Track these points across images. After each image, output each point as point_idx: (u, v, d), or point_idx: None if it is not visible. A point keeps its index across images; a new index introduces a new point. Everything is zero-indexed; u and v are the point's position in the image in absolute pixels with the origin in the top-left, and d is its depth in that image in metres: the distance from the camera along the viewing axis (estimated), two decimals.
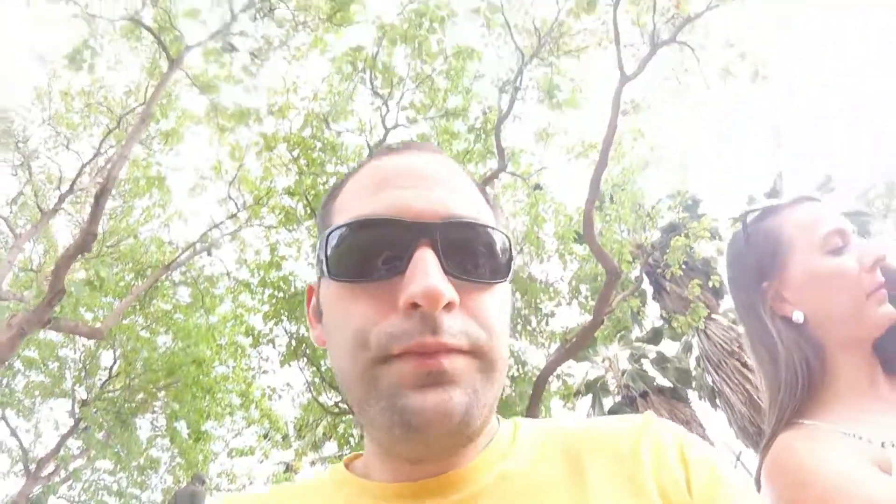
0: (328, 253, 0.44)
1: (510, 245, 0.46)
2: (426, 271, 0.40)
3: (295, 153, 6.10)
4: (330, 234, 0.44)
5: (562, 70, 6.04)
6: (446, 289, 0.40)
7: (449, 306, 0.40)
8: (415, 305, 0.40)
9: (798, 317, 0.80)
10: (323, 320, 0.47)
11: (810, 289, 0.80)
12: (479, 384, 0.41)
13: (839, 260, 0.78)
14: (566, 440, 0.49)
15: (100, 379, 10.31)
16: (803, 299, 0.81)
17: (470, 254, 0.43)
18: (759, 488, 0.74)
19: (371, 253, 0.42)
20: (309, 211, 5.93)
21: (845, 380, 0.79)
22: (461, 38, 6.41)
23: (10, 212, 9.38)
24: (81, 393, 10.24)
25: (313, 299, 0.51)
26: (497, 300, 0.44)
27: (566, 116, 6.32)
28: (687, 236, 6.74)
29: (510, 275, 0.45)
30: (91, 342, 10.03)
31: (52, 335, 9.63)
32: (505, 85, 5.89)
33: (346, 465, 0.52)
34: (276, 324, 6.32)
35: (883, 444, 0.70)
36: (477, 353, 0.41)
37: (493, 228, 0.45)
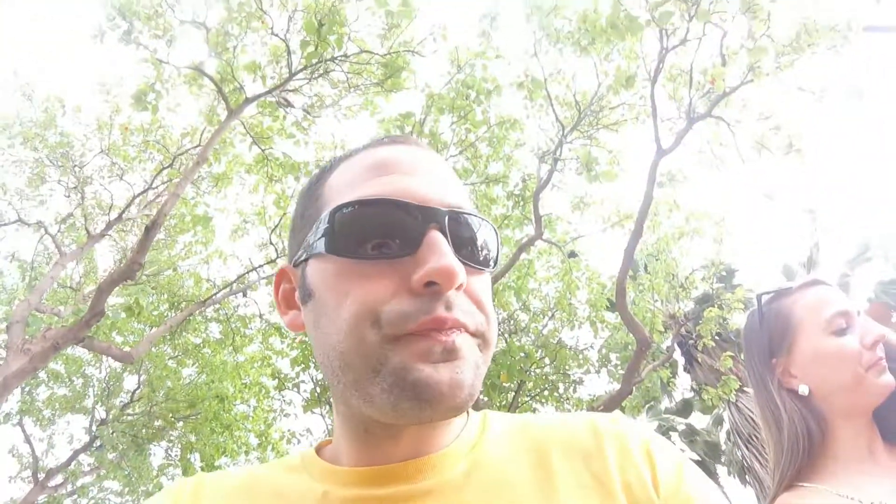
0: (334, 229, 0.44)
1: (498, 237, 0.49)
2: (443, 251, 0.41)
3: None
4: (337, 210, 0.44)
5: (600, 143, 6.22)
6: (461, 269, 0.41)
7: (458, 287, 0.42)
8: (430, 284, 0.41)
9: (804, 390, 0.88)
10: (313, 301, 0.46)
11: (815, 365, 0.88)
12: (480, 362, 0.43)
13: (842, 340, 0.87)
14: (535, 435, 0.49)
15: (121, 401, 10.47)
16: (809, 374, 0.88)
17: (471, 242, 0.45)
18: None
19: (380, 232, 0.43)
20: None
21: (845, 447, 0.86)
22: (505, 107, 6.71)
23: (59, 230, 9.88)
24: (101, 412, 10.46)
25: (283, 284, 0.51)
26: (489, 287, 0.47)
27: (604, 186, 6.44)
28: (720, 307, 6.65)
29: (495, 262, 0.48)
30: (117, 364, 10.26)
31: (81, 352, 9.91)
32: (545, 155, 6.08)
33: (317, 451, 0.52)
34: (303, 370, 6.39)
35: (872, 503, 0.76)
36: (477, 334, 0.43)
37: (487, 221, 0.48)
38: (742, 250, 7.70)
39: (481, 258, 0.46)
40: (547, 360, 6.37)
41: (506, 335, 6.64)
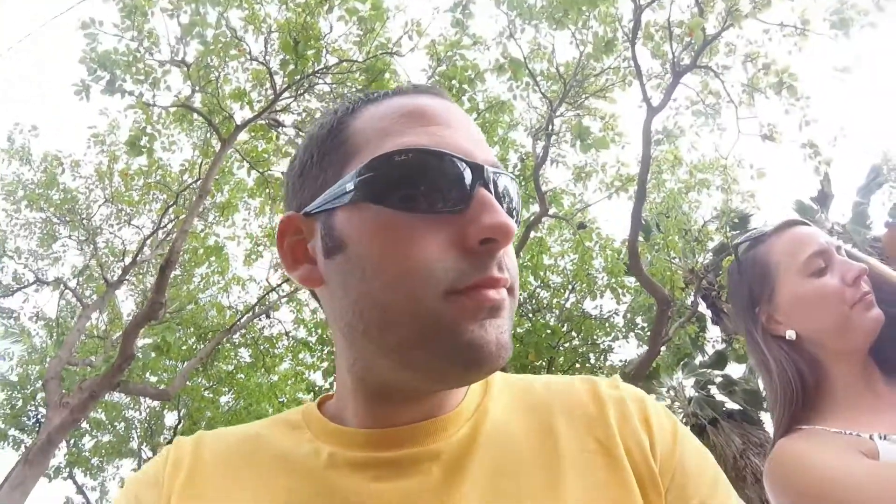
0: (383, 178, 0.41)
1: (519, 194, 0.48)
2: (497, 209, 0.40)
3: None
4: (388, 157, 0.42)
5: (592, 111, 6.19)
6: (514, 226, 0.41)
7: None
8: (485, 241, 0.40)
9: (791, 335, 0.87)
10: (344, 254, 0.43)
11: (798, 310, 0.87)
12: (511, 320, 0.43)
13: (821, 281, 0.85)
14: (537, 397, 0.49)
15: (165, 438, 10.71)
16: (793, 319, 0.87)
17: (508, 200, 0.44)
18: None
19: (434, 185, 0.41)
20: None
21: (842, 387, 0.84)
22: (491, 91, 6.70)
23: (78, 283, 10.08)
24: (147, 452, 10.66)
25: (290, 236, 0.47)
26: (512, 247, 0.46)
27: (604, 154, 6.42)
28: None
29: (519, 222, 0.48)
30: (156, 403, 10.49)
31: (118, 397, 10.15)
32: (538, 132, 6.07)
33: (319, 407, 0.51)
34: (335, 379, 6.49)
35: (871, 437, 0.76)
36: (511, 291, 0.43)
37: (514, 178, 0.47)
38: (755, 194, 7.64)
39: (515, 217, 0.46)
40: (574, 334, 6.40)
41: (529, 315, 6.67)
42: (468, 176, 0.41)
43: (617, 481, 0.43)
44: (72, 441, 10.29)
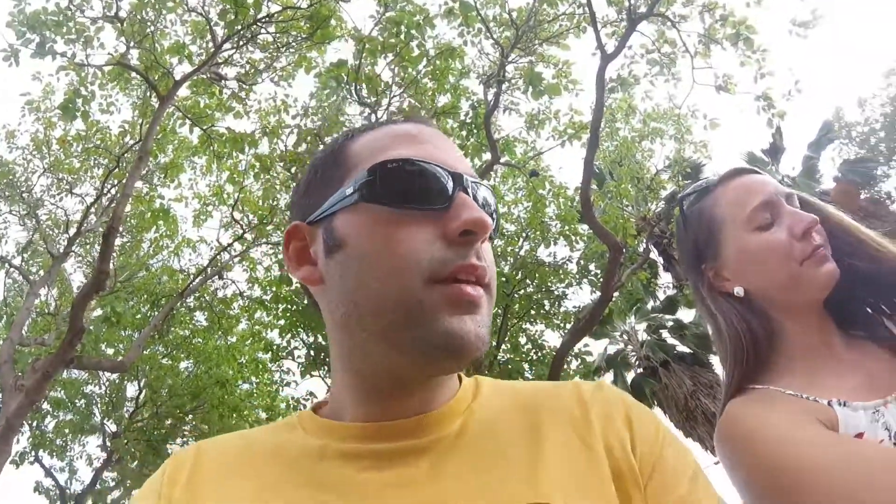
0: (377, 181, 0.48)
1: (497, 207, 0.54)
2: (475, 206, 0.47)
3: (292, 170, 6.19)
4: (381, 165, 0.48)
5: (545, 57, 6.08)
6: (489, 221, 0.47)
7: (484, 239, 0.48)
8: (465, 233, 0.46)
9: (739, 291, 0.82)
10: (343, 252, 0.49)
11: (746, 265, 0.81)
12: (489, 316, 0.48)
13: (768, 235, 0.79)
14: (525, 399, 0.53)
15: (127, 410, 10.50)
16: (741, 275, 0.82)
17: (486, 207, 0.51)
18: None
19: (419, 188, 0.47)
20: None
21: (797, 345, 0.80)
22: (441, 37, 6.48)
23: (23, 260, 9.58)
24: (111, 426, 10.49)
25: (294, 242, 0.54)
26: (491, 252, 0.52)
27: (556, 100, 6.35)
28: None
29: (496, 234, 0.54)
30: (115, 376, 10.24)
31: (76, 373, 9.86)
32: (489, 79, 5.94)
33: (315, 411, 0.55)
34: (293, 336, 6.42)
35: (830, 403, 0.71)
36: (488, 289, 0.48)
37: (491, 189, 0.54)
38: (707, 145, 7.76)
39: (494, 221, 0.51)
40: (528, 281, 6.48)
41: None
42: (450, 181, 0.48)
43: (595, 473, 0.46)
44: (34, 423, 10.00)
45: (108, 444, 10.26)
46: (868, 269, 0.79)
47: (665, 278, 8.97)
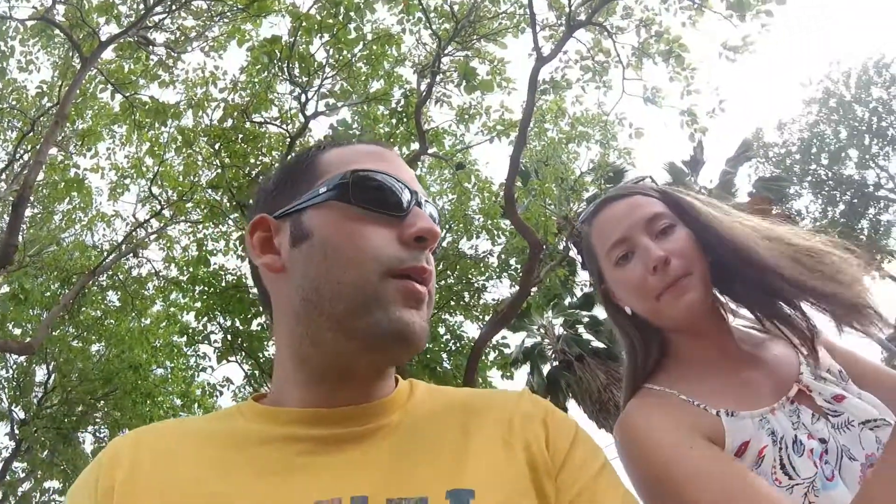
0: (350, 185, 0.55)
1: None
2: (429, 219, 0.56)
3: (216, 146, 5.97)
4: (356, 172, 0.56)
5: (482, 53, 6.17)
6: (440, 231, 0.56)
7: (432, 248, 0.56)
8: (419, 239, 0.54)
9: (629, 309, 0.87)
10: (309, 242, 0.54)
11: (620, 294, 0.86)
12: (429, 315, 0.56)
13: (624, 271, 0.83)
14: (458, 402, 0.60)
15: (36, 395, 9.87)
16: (622, 301, 0.87)
17: (435, 220, 0.59)
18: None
19: (383, 195, 0.55)
20: (234, 203, 5.85)
21: (690, 351, 0.83)
22: (381, 23, 6.43)
23: None
24: (19, 413, 9.81)
25: (259, 232, 0.59)
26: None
27: (488, 97, 6.46)
28: None
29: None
30: (22, 359, 9.53)
31: None
32: (424, 69, 5.96)
33: (255, 401, 0.58)
34: (209, 320, 6.23)
35: (718, 413, 0.74)
36: (430, 291, 0.56)
37: (438, 210, 0.62)
38: (631, 152, 8.12)
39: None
40: (449, 272, 6.59)
41: None
42: (409, 196, 0.57)
43: (513, 467, 0.52)
44: None
45: (17, 432, 9.56)
46: (736, 266, 0.80)
47: (583, 276, 9.36)
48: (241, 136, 6.07)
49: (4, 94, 8.19)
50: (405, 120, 5.98)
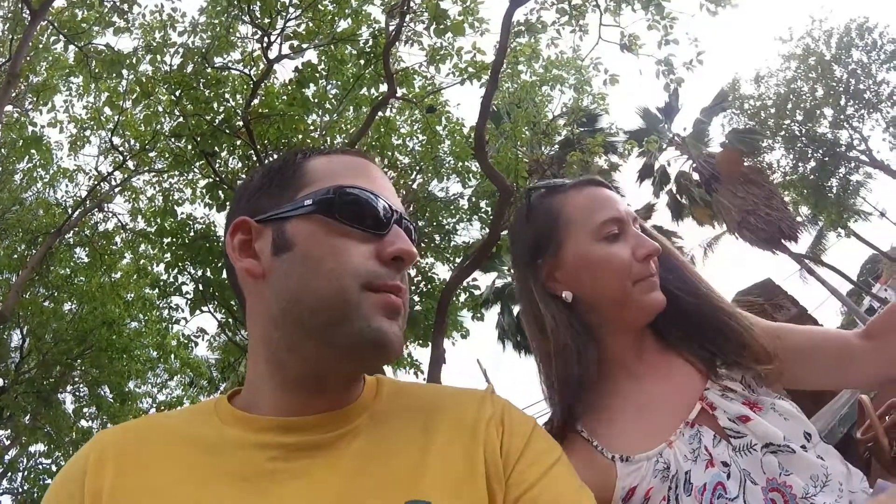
0: (335, 200, 0.57)
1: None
2: (407, 240, 0.59)
3: (178, 93, 5.74)
4: (341, 188, 0.58)
5: None
6: (416, 254, 0.59)
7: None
8: (396, 259, 0.57)
9: (567, 296, 0.82)
10: (291, 253, 0.56)
11: (582, 272, 0.82)
12: (404, 326, 0.59)
13: (612, 248, 0.81)
14: (424, 402, 0.62)
15: (12, 361, 9.75)
16: (574, 281, 0.82)
17: (414, 238, 0.63)
18: None
19: (366, 213, 0.58)
20: (198, 151, 5.69)
21: (612, 363, 0.83)
22: None
23: None
24: None
25: (239, 235, 0.59)
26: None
27: (461, 38, 6.27)
28: (582, 151, 7.09)
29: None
30: None
31: None
32: (392, 9, 5.75)
33: (229, 399, 0.60)
34: (179, 272, 6.17)
35: (613, 458, 0.75)
36: (405, 304, 0.59)
37: (413, 226, 0.65)
38: (605, 97, 8.04)
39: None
40: (419, 215, 6.59)
41: None
42: (390, 215, 0.59)
43: (471, 475, 0.54)
44: None
45: None
46: (689, 305, 0.84)
47: None
48: (202, 81, 5.84)
49: None
50: (374, 61, 5.81)
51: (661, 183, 15.04)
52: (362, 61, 6.03)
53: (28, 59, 7.33)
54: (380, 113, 6.02)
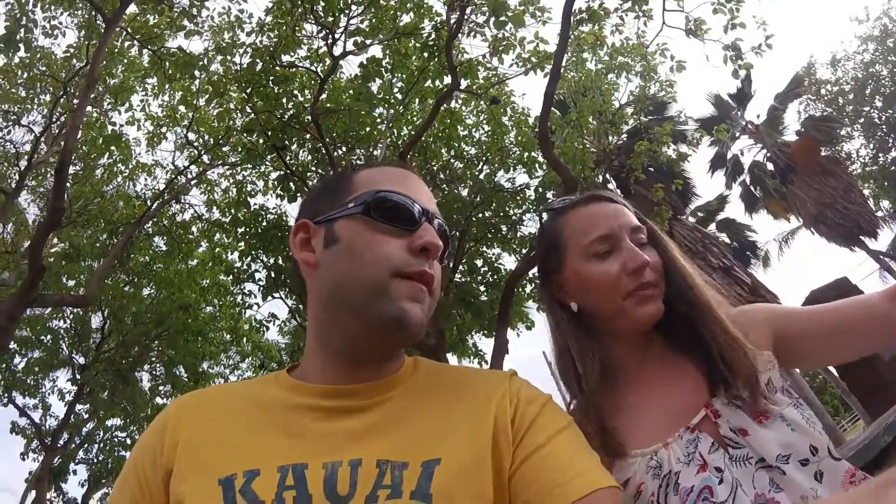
0: (373, 202, 0.67)
1: (448, 240, 0.75)
2: (435, 233, 0.68)
3: (248, 91, 5.95)
4: (377, 193, 0.68)
5: None
6: (442, 245, 0.68)
7: (435, 257, 0.68)
8: (424, 250, 0.66)
9: (574, 306, 0.89)
10: (340, 245, 0.67)
11: (579, 288, 0.88)
12: (429, 310, 0.67)
13: (602, 266, 0.85)
14: (449, 380, 0.71)
15: (94, 341, 10.46)
16: (576, 295, 0.89)
17: (443, 239, 0.70)
18: None
19: (399, 212, 0.68)
20: (269, 145, 5.89)
21: (618, 368, 0.87)
22: None
23: None
24: (79, 359, 10.50)
25: (300, 234, 0.72)
26: (441, 271, 0.72)
27: (522, 28, 6.15)
28: (650, 140, 6.84)
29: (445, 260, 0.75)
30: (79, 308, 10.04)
31: (39, 309, 9.64)
32: (453, 2, 5.70)
33: (288, 372, 0.71)
34: (253, 260, 6.43)
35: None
36: (433, 294, 0.68)
37: (446, 228, 0.74)
38: (674, 84, 7.70)
39: (442, 252, 0.70)
40: (486, 205, 6.56)
41: (443, 186, 6.73)
42: (421, 214, 0.69)
43: (478, 437, 0.62)
44: (3, 366, 9.85)
45: (78, 377, 10.21)
46: (686, 317, 0.85)
47: None
48: (271, 78, 6.03)
49: (33, 62, 8.30)
50: (437, 54, 5.79)
51: (734, 173, 14.30)
52: (426, 54, 6.03)
53: (105, 63, 7.77)
54: (445, 105, 6.01)
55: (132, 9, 7.16)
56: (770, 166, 14.15)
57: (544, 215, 0.99)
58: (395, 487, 0.56)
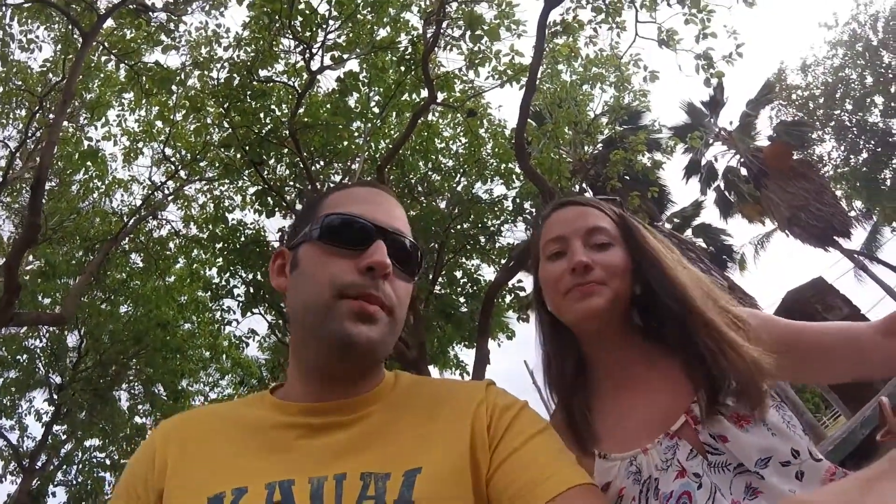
0: (322, 227, 0.69)
1: (420, 254, 0.75)
2: (382, 252, 0.67)
3: (225, 106, 5.93)
4: (326, 216, 0.70)
5: None
6: (389, 264, 0.67)
7: (385, 276, 0.67)
8: (370, 269, 0.66)
9: (553, 309, 0.91)
10: (298, 269, 0.70)
11: (544, 289, 0.91)
12: (389, 328, 0.68)
13: (552, 265, 0.89)
14: (434, 393, 0.73)
15: (70, 360, 10.21)
16: (546, 297, 0.92)
17: (402, 254, 0.71)
18: None
19: (348, 234, 0.69)
20: (247, 160, 5.87)
21: (597, 368, 0.88)
22: None
23: None
24: (56, 378, 10.19)
25: (278, 261, 0.76)
26: (407, 289, 0.73)
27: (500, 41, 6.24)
28: (626, 149, 6.97)
29: (417, 275, 0.75)
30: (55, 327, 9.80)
31: (15, 328, 9.39)
32: (429, 17, 5.79)
33: (271, 392, 0.74)
34: (231, 275, 6.38)
35: (594, 453, 0.80)
36: (391, 312, 0.68)
37: (415, 243, 0.74)
38: (647, 94, 7.86)
39: (405, 268, 0.71)
40: (464, 217, 6.61)
41: (421, 198, 6.77)
42: (372, 232, 0.69)
43: (457, 446, 0.64)
44: None
45: (55, 397, 9.96)
46: (672, 313, 0.85)
47: None
48: (248, 93, 6.02)
49: (9, 76, 8.18)
50: (414, 67, 5.85)
51: (708, 179, 14.58)
52: (402, 68, 6.09)
53: (81, 77, 7.68)
54: (422, 118, 6.07)
55: (109, 23, 7.13)
56: (744, 171, 14.45)
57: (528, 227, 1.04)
58: (379, 497, 0.58)
